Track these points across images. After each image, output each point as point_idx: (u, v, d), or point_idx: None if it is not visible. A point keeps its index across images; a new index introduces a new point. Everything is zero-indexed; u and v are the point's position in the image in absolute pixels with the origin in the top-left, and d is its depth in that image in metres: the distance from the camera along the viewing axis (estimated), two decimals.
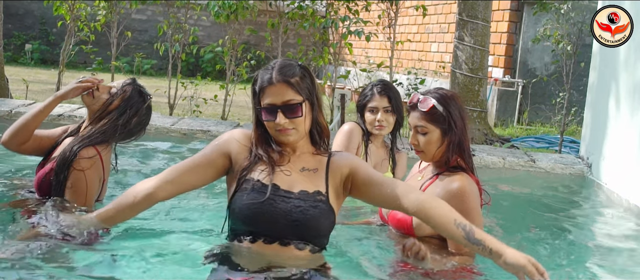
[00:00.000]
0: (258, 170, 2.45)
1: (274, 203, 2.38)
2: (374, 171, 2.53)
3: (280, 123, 2.39)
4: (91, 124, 3.09)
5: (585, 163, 5.84)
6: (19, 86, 8.48)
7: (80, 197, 2.95)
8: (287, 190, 2.41)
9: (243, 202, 2.39)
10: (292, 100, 2.39)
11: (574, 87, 7.96)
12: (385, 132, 4.02)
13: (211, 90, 8.51)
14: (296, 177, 2.45)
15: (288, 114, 2.40)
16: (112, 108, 3.07)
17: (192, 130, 6.06)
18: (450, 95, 2.84)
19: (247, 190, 2.40)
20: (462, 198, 2.68)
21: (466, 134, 2.85)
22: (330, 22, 7.55)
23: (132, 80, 3.19)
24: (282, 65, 2.45)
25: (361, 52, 13.45)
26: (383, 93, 3.94)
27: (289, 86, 2.40)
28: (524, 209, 4.44)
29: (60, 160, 2.95)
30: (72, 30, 7.90)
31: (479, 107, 7.61)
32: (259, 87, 2.44)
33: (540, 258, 3.16)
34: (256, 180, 2.42)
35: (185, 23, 7.96)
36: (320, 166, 2.50)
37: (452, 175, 2.78)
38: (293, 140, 2.45)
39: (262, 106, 2.43)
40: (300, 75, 2.44)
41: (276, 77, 2.40)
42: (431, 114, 2.79)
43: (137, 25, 15.58)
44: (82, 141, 2.98)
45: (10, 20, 15.21)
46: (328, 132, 2.57)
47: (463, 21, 7.51)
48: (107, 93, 3.09)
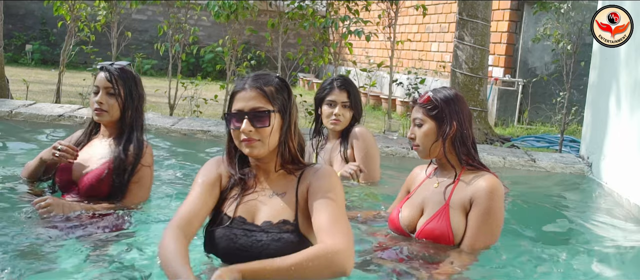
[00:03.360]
0: (230, 198, 2.36)
1: (235, 238, 2.27)
2: (329, 195, 2.23)
3: (245, 129, 2.26)
4: (118, 124, 3.19)
5: (586, 162, 5.84)
6: (20, 87, 8.48)
7: (145, 190, 3.22)
8: (252, 222, 2.29)
9: (210, 234, 2.32)
10: (261, 108, 2.27)
11: (574, 87, 7.95)
12: (340, 127, 4.00)
13: (211, 91, 8.51)
14: (264, 204, 2.32)
15: (255, 121, 2.27)
16: (125, 102, 3.17)
17: (192, 131, 6.05)
18: (451, 92, 2.90)
19: (216, 222, 2.34)
20: (491, 195, 2.71)
21: (470, 132, 2.87)
22: (330, 21, 7.55)
23: (103, 67, 3.21)
24: (258, 74, 2.36)
25: (361, 51, 13.45)
26: (343, 87, 3.95)
27: (260, 93, 2.29)
28: (524, 208, 4.43)
29: (121, 160, 3.11)
30: (72, 30, 7.90)
31: (479, 107, 7.61)
32: (232, 92, 2.35)
33: (541, 258, 3.16)
34: (224, 212, 2.34)
35: (186, 23, 7.97)
36: (290, 188, 2.34)
37: (477, 173, 2.81)
38: (257, 154, 2.30)
39: (231, 112, 2.32)
40: (276, 86, 2.32)
41: (249, 83, 2.31)
42: (427, 107, 2.85)
43: (138, 26, 15.58)
44: (138, 139, 3.18)
45: (10, 21, 15.22)
46: (297, 156, 2.39)
47: (463, 21, 7.51)
48: (114, 100, 3.16)
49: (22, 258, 2.52)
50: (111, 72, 3.16)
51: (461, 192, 2.78)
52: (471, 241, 2.73)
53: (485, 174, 2.81)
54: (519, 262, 3.07)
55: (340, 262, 2.06)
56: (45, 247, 2.65)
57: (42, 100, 7.94)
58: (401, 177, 4.74)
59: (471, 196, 2.74)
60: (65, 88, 8.43)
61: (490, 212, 2.71)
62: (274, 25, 7.67)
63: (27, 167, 3.36)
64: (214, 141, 5.85)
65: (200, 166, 2.53)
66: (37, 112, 6.05)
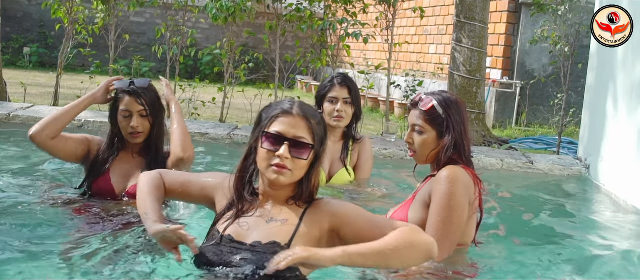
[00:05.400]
0: (224, 219, 2.34)
1: (221, 255, 2.23)
2: (366, 218, 2.26)
3: (282, 155, 2.19)
4: (150, 138, 3.37)
5: (584, 164, 5.84)
6: (17, 89, 8.47)
7: None
8: (240, 241, 2.24)
9: (200, 250, 2.29)
10: (304, 139, 2.22)
11: (572, 89, 7.97)
12: (344, 124, 4.01)
13: (209, 93, 8.51)
14: (257, 227, 2.26)
15: (294, 150, 2.21)
16: (154, 120, 3.36)
17: (190, 133, 6.02)
18: (453, 100, 2.81)
19: (208, 239, 2.34)
20: (445, 180, 2.63)
21: (467, 138, 2.80)
22: (328, 24, 7.55)
23: (132, 92, 3.34)
24: (303, 103, 2.32)
25: (359, 54, 13.45)
26: (343, 84, 3.96)
27: (307, 125, 2.23)
28: (522, 210, 4.43)
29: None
30: (70, 33, 7.89)
31: (477, 109, 7.61)
32: (272, 113, 2.26)
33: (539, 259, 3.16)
34: (216, 230, 2.32)
35: (184, 26, 7.97)
36: (292, 218, 2.27)
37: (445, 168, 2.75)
38: (282, 182, 2.23)
39: (269, 132, 2.23)
40: (318, 121, 2.29)
41: (296, 110, 2.25)
42: (430, 115, 2.77)
43: (135, 28, 15.58)
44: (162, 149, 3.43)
45: (8, 24, 15.21)
46: (314, 192, 2.34)
47: (461, 23, 7.51)
48: (146, 120, 3.33)
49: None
50: (140, 96, 3.32)
51: (427, 186, 2.76)
52: (431, 231, 2.60)
53: (450, 165, 2.71)
54: (517, 263, 3.08)
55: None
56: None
57: (40, 103, 7.93)
58: (398, 180, 4.77)
59: (431, 188, 2.70)
60: (63, 91, 8.42)
61: (445, 197, 2.61)
62: (272, 28, 7.67)
63: (67, 113, 3.43)
64: (211, 144, 5.85)
65: (196, 168, 2.54)
66: (35, 115, 6.04)
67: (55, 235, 2.94)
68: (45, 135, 3.31)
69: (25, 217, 3.16)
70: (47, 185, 3.73)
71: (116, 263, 2.55)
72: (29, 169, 4.32)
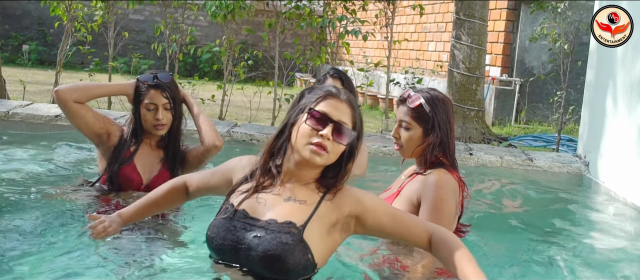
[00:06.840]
0: (239, 192, 2.33)
1: (234, 230, 2.23)
2: (389, 210, 2.33)
3: (325, 134, 2.21)
4: (171, 130, 3.48)
5: (583, 161, 5.84)
6: (16, 87, 8.46)
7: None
8: (255, 217, 2.24)
9: (210, 224, 2.30)
10: (347, 124, 2.26)
11: (572, 86, 7.96)
12: None
13: (209, 90, 8.51)
14: (274, 205, 2.26)
15: (336, 134, 2.23)
16: (176, 113, 3.46)
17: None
18: (441, 98, 2.85)
19: (220, 213, 2.33)
20: (434, 186, 2.70)
21: (452, 137, 2.86)
22: (327, 21, 7.55)
23: (158, 85, 3.41)
24: (350, 94, 2.35)
25: (359, 51, 13.45)
26: (335, 75, 3.98)
27: (352, 112, 2.29)
28: (521, 208, 4.44)
29: (175, 159, 3.53)
30: (69, 30, 7.88)
31: (477, 106, 7.61)
32: (322, 93, 2.29)
33: (538, 257, 3.17)
34: (230, 203, 2.32)
35: (183, 23, 7.96)
36: (312, 199, 2.28)
37: (432, 170, 2.80)
38: (318, 162, 2.23)
39: (316, 110, 2.25)
40: (360, 114, 2.34)
41: (345, 97, 2.30)
42: (417, 112, 2.82)
43: (135, 26, 15.56)
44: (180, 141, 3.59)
45: (7, 21, 15.19)
46: (342, 179, 2.34)
47: (460, 20, 7.51)
48: (170, 113, 3.42)
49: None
50: (165, 89, 3.39)
51: (414, 184, 2.80)
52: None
53: (437, 169, 2.78)
54: (515, 260, 3.08)
55: None
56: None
57: (39, 100, 7.93)
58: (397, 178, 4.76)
59: (420, 191, 2.74)
60: None
61: (436, 202, 2.68)
62: (271, 25, 7.67)
63: (99, 87, 3.57)
64: None
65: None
66: (34, 112, 6.04)
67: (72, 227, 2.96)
68: (71, 96, 3.30)
69: (35, 211, 3.16)
70: (53, 178, 3.74)
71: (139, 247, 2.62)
72: (29, 166, 4.31)
